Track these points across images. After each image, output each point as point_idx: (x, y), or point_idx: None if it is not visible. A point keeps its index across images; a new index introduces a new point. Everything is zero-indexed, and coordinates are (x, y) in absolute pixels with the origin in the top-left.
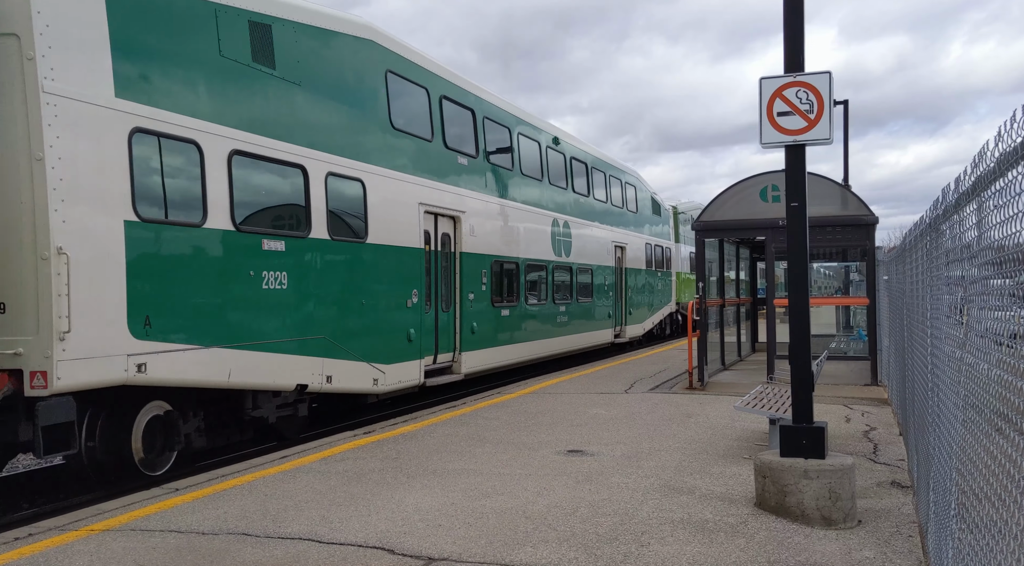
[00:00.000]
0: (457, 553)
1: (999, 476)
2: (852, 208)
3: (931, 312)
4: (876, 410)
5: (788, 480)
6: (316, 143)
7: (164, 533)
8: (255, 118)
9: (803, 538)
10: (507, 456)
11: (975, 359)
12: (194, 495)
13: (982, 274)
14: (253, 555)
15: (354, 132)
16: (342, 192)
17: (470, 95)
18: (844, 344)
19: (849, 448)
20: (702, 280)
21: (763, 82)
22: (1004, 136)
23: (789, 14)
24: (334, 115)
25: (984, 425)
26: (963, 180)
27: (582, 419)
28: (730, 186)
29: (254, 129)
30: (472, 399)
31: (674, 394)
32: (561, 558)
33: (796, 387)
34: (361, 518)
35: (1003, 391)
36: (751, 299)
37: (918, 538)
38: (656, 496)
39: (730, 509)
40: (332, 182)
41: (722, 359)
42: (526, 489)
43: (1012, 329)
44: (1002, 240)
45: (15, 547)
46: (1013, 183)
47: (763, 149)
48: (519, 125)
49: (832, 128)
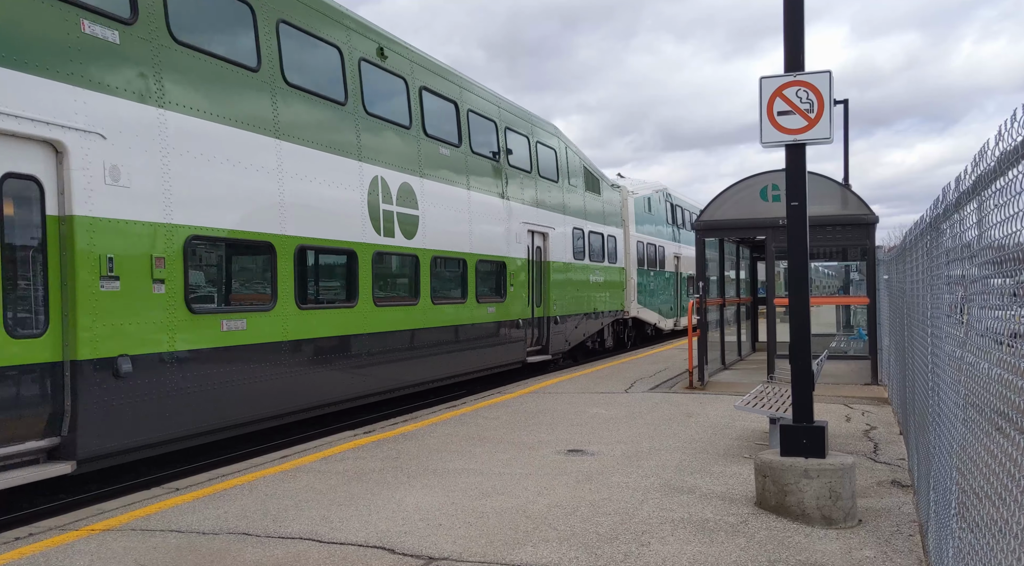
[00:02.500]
0: (457, 553)
1: (999, 475)
2: (852, 207)
3: (931, 311)
4: (876, 409)
5: (788, 479)
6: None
7: (165, 533)
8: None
9: (803, 537)
10: (507, 456)
11: (975, 358)
12: (194, 495)
13: (982, 273)
14: (254, 555)
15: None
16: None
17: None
18: (844, 343)
19: (849, 447)
20: (702, 279)
21: (763, 81)
22: (1005, 135)
23: (789, 14)
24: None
25: (984, 424)
26: (963, 179)
27: (582, 418)
28: (730, 185)
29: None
30: (472, 399)
31: (674, 393)
32: (561, 557)
33: (796, 386)
34: (361, 518)
35: (1003, 390)
36: (751, 298)
37: (918, 537)
38: (656, 495)
39: (730, 508)
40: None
41: (722, 358)
42: (526, 488)
43: (1012, 328)
44: (1002, 239)
45: (15, 547)
46: (1013, 182)
47: (764, 149)
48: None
49: (832, 127)
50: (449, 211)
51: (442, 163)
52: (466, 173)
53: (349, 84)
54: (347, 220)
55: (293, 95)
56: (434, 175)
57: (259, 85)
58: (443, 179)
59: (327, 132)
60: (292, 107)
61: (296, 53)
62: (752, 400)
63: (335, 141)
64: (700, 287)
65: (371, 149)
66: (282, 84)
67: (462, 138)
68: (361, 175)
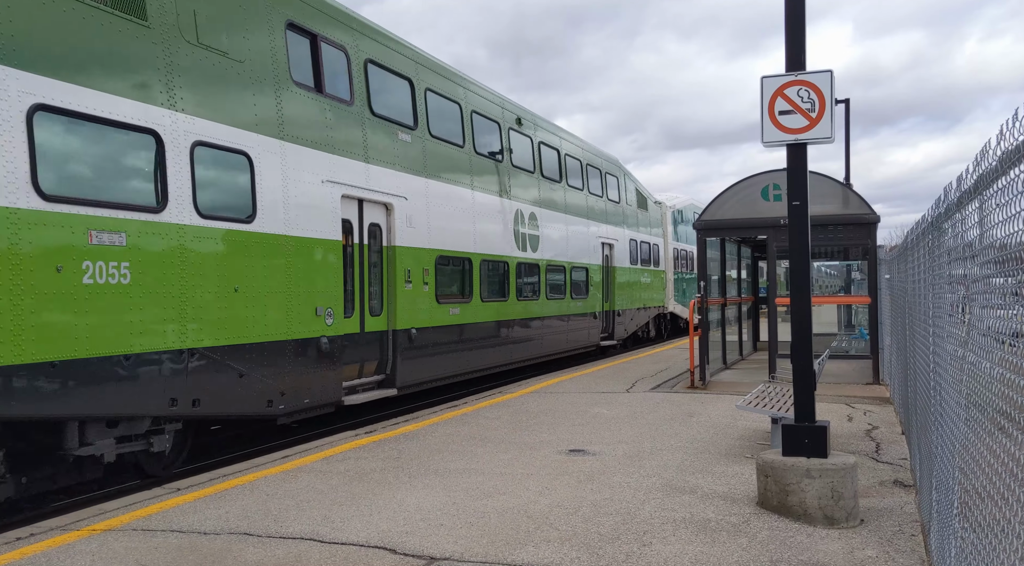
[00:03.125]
0: (459, 553)
1: (1002, 474)
2: (853, 207)
3: (933, 311)
4: (878, 409)
5: (790, 479)
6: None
7: (166, 533)
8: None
9: (805, 537)
10: (509, 456)
11: (977, 357)
12: (196, 495)
13: (984, 272)
14: (255, 555)
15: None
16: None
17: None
18: (846, 343)
19: (851, 447)
20: (703, 279)
21: (764, 81)
22: (1006, 134)
23: (790, 14)
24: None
25: (986, 423)
26: (965, 179)
27: (584, 418)
28: (731, 185)
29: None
30: (473, 398)
31: (676, 393)
32: (563, 558)
33: (798, 386)
34: (363, 518)
35: (1006, 389)
36: (753, 298)
37: (921, 537)
38: (658, 495)
39: (732, 508)
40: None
41: (724, 358)
42: (528, 489)
43: (1014, 327)
44: (1004, 239)
45: (17, 547)
46: (1015, 181)
47: (766, 148)
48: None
49: (833, 127)
50: (556, 231)
51: (552, 196)
52: (565, 202)
53: (504, 147)
54: (503, 241)
55: (484, 162)
56: (548, 205)
57: (468, 159)
58: (552, 207)
59: (494, 182)
60: (482, 170)
61: (485, 136)
62: (754, 400)
63: (497, 187)
64: (701, 286)
65: (514, 190)
66: (474, 155)
67: (562, 177)
68: (510, 209)
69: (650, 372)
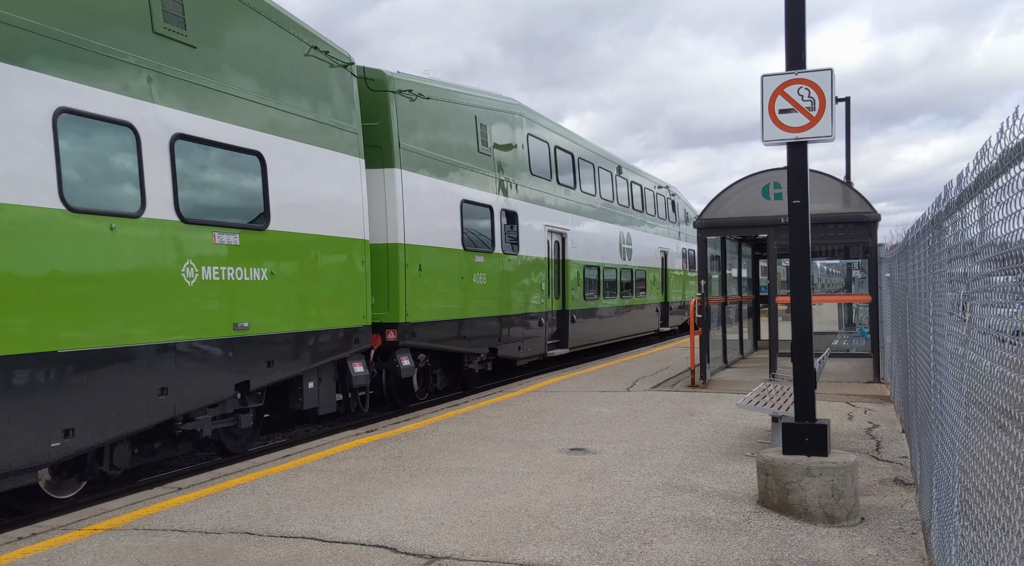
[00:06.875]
0: (460, 552)
1: (1002, 473)
2: (854, 205)
3: (934, 309)
4: (878, 407)
5: (791, 478)
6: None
7: (167, 532)
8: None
9: (806, 536)
10: (509, 455)
11: (978, 356)
12: (197, 494)
13: (984, 271)
14: (256, 554)
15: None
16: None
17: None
18: (846, 341)
19: (852, 445)
20: (704, 278)
21: (765, 79)
22: (1007, 132)
23: (790, 13)
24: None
25: (987, 422)
26: (965, 177)
27: (584, 417)
28: (732, 183)
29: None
30: (474, 398)
31: (676, 392)
32: (564, 556)
33: (798, 385)
34: (364, 517)
35: (1006, 388)
36: (753, 297)
37: (921, 535)
38: (659, 494)
39: (733, 507)
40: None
41: (724, 357)
42: (528, 487)
43: (1015, 326)
44: (1004, 237)
45: (18, 547)
46: (1015, 180)
47: (766, 146)
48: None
49: (834, 125)
50: (638, 244)
51: (636, 219)
52: (643, 222)
53: (613, 190)
54: (614, 253)
55: (604, 203)
56: (635, 225)
57: (595, 201)
58: (637, 227)
59: (609, 215)
60: (603, 208)
61: (603, 184)
62: (754, 398)
63: (612, 218)
64: (701, 285)
65: (618, 218)
66: (599, 199)
67: (643, 207)
68: (615, 232)
69: (650, 371)
